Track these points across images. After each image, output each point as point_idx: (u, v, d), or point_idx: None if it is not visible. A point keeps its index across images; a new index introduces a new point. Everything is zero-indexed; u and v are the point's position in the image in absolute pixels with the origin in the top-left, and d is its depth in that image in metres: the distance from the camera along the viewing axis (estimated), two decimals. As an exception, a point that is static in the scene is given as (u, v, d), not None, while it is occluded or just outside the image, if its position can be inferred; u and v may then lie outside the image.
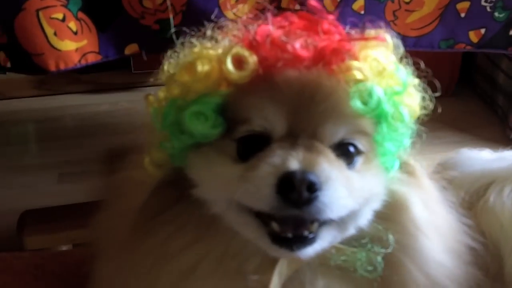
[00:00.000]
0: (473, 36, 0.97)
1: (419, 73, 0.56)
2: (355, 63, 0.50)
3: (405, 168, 0.58)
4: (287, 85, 0.50)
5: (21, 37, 0.72)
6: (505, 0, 0.95)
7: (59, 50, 0.74)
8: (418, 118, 0.58)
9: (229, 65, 0.49)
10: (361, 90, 0.50)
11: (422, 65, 0.56)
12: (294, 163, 0.47)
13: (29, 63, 0.73)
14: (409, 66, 0.56)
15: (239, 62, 0.50)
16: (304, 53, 0.49)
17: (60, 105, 1.82)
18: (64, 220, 1.22)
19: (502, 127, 2.04)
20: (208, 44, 0.52)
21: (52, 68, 0.74)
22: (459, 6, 0.94)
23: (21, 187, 1.49)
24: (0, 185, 1.47)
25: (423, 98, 0.56)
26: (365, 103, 0.50)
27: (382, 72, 0.51)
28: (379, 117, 0.52)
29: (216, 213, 0.53)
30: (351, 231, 0.53)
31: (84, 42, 0.77)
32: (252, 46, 0.50)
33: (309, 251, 0.50)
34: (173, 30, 0.55)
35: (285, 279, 0.55)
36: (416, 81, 0.55)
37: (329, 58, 0.50)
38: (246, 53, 0.49)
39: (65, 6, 0.75)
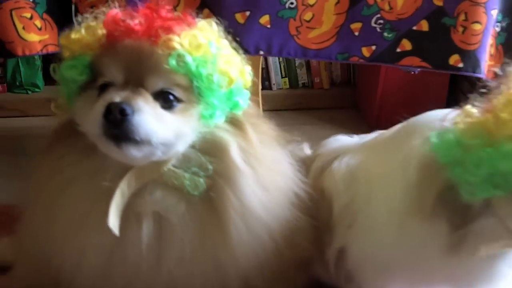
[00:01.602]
0: (365, 51, 1.19)
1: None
2: (174, 37, 0.74)
3: (233, 121, 0.81)
4: (123, 49, 0.75)
5: (-3, 28, 1.00)
6: (392, 23, 1.17)
7: (26, 40, 1.01)
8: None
9: (82, 31, 0.75)
10: (175, 55, 0.74)
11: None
12: (116, 97, 0.72)
13: (2, 48, 1.00)
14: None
15: (93, 32, 0.76)
16: (136, 27, 0.74)
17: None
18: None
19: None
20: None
21: (20, 53, 1.01)
22: (353, 26, 1.17)
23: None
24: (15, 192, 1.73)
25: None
26: (178, 64, 0.74)
27: (197, 45, 0.76)
28: (194, 76, 0.76)
29: (92, 140, 0.78)
30: (169, 154, 0.77)
31: (46, 36, 1.03)
32: (104, 23, 0.76)
33: (134, 151, 0.73)
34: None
35: (133, 189, 0.78)
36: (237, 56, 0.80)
37: (155, 32, 0.74)
38: (96, 25, 0.75)
39: (33, 8, 1.02)
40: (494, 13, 1.17)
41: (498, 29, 1.22)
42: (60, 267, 0.84)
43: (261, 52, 1.15)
